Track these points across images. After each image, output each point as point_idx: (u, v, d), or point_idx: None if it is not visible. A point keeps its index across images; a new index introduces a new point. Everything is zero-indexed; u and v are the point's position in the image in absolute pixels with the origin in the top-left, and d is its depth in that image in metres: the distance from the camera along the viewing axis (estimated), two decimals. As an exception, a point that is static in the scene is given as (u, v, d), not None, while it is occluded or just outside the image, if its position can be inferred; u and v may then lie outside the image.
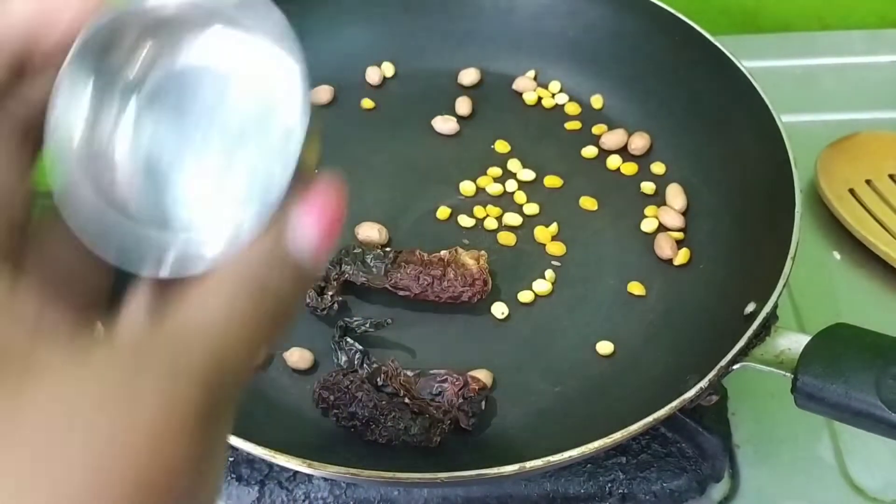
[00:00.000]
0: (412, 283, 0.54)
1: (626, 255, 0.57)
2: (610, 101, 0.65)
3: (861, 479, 0.53)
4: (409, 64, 0.67)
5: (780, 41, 0.79)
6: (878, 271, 0.62)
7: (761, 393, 0.55)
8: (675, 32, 0.62)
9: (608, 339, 0.53)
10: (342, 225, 0.25)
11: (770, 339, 0.46)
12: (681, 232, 0.58)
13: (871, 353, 0.43)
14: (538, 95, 0.66)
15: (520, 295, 0.55)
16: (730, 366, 0.45)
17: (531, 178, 0.61)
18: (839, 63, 0.77)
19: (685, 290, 0.55)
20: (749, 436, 0.54)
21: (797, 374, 0.44)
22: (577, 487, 0.51)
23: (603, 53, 0.65)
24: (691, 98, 0.61)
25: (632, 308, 0.55)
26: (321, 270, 0.53)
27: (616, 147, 0.62)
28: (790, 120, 0.56)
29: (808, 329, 0.50)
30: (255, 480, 0.52)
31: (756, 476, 0.53)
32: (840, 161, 0.66)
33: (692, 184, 0.60)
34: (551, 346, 0.53)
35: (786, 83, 0.75)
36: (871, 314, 0.59)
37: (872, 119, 0.72)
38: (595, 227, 0.59)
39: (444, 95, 0.66)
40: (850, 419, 0.43)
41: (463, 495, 0.51)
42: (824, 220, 0.65)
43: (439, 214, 0.60)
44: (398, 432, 0.48)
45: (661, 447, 0.52)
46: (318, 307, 0.53)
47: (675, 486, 0.51)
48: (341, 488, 0.51)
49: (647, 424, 0.44)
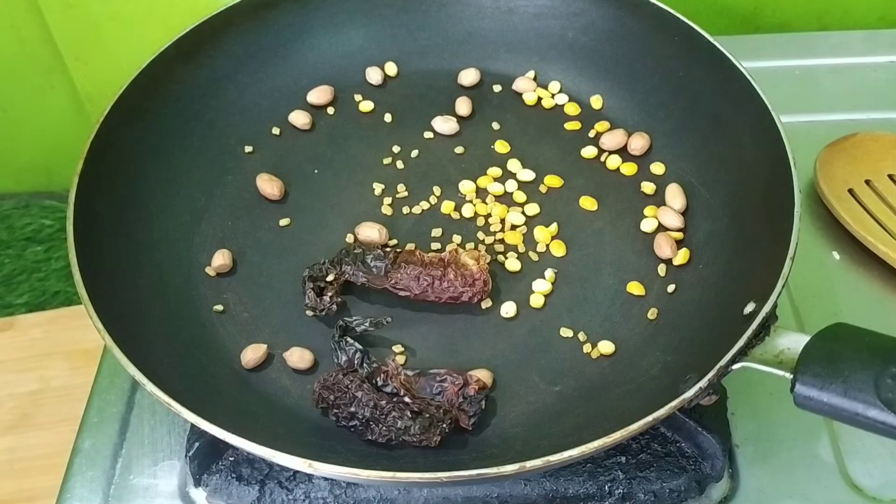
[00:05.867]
0: (412, 283, 0.54)
1: (626, 255, 0.57)
2: (610, 101, 0.65)
3: (860, 479, 0.53)
4: (409, 64, 0.67)
5: (779, 42, 0.80)
6: (877, 271, 0.62)
7: (761, 393, 0.56)
8: (675, 32, 0.62)
9: (608, 339, 0.53)
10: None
11: (769, 338, 0.46)
12: (680, 232, 0.58)
13: (870, 352, 0.43)
14: (538, 96, 0.66)
15: (520, 295, 0.56)
16: (729, 366, 0.45)
17: (531, 178, 0.61)
18: (838, 63, 0.77)
19: (685, 290, 0.55)
20: (749, 435, 0.54)
21: (796, 374, 0.44)
22: (577, 487, 0.51)
23: (603, 53, 0.65)
24: (691, 98, 0.61)
25: (632, 308, 0.55)
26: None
27: (616, 147, 0.63)
28: (789, 120, 0.56)
29: (808, 329, 0.50)
30: (255, 480, 0.52)
31: (756, 476, 0.53)
32: (839, 161, 0.66)
33: (692, 184, 0.60)
34: (551, 346, 0.53)
35: (785, 83, 0.75)
36: (871, 314, 0.59)
37: (871, 119, 0.72)
38: (595, 227, 0.59)
39: (444, 95, 0.66)
40: (849, 419, 0.43)
41: (463, 495, 0.51)
42: (823, 220, 0.65)
43: (440, 214, 0.60)
44: (398, 432, 0.48)
45: (660, 447, 0.52)
46: (317, 307, 0.54)
47: (675, 485, 0.51)
48: (341, 488, 0.51)
49: (646, 424, 0.44)
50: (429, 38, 0.67)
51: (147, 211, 0.57)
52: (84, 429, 0.56)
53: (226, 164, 0.62)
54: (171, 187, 0.59)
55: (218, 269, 0.57)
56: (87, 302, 0.48)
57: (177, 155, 0.60)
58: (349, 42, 0.67)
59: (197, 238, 0.58)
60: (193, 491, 0.53)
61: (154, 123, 0.59)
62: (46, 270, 1.01)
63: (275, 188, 0.60)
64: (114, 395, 0.57)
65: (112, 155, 0.56)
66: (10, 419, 0.81)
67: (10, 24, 0.88)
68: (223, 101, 0.63)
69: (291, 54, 0.66)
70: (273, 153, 0.63)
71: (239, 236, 0.59)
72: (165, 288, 0.55)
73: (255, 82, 0.64)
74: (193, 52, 0.62)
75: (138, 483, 0.53)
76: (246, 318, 0.55)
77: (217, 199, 0.60)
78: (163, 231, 0.57)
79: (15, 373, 0.84)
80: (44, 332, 0.87)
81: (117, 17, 0.85)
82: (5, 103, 0.96)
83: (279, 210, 0.60)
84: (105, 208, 0.55)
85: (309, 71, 0.66)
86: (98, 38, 0.87)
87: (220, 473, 0.52)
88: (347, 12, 0.67)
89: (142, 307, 0.52)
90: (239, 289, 0.56)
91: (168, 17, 0.84)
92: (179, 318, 0.54)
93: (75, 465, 0.54)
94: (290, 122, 0.64)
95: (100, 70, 0.91)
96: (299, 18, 0.66)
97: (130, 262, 0.54)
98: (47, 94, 0.94)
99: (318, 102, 0.66)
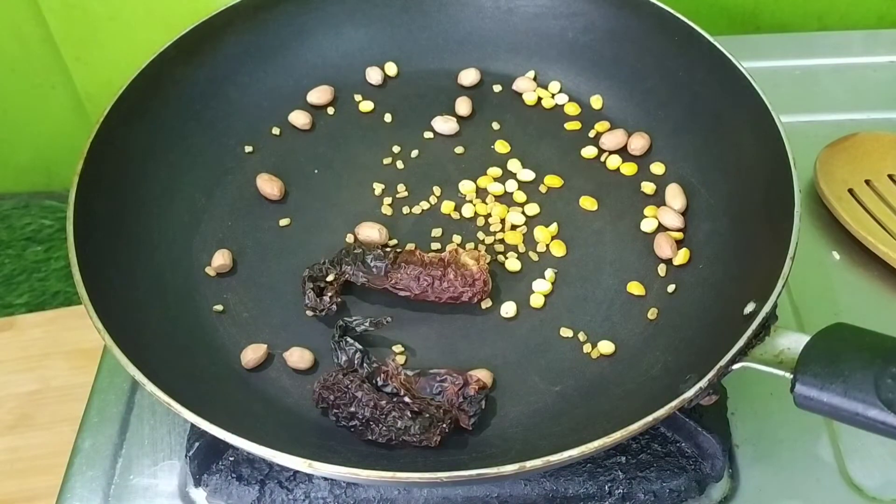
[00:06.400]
0: (412, 283, 0.54)
1: (626, 255, 0.57)
2: (609, 102, 0.65)
3: (860, 479, 0.53)
4: (409, 64, 0.67)
5: (779, 42, 0.80)
6: (877, 271, 0.62)
7: (761, 393, 0.56)
8: (675, 33, 0.62)
9: (608, 339, 0.53)
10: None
11: (769, 338, 0.46)
12: (680, 232, 0.58)
13: (870, 352, 0.43)
14: (538, 96, 0.66)
15: (520, 295, 0.56)
16: (729, 365, 0.45)
17: (531, 178, 0.61)
18: (838, 63, 0.77)
19: (684, 290, 0.55)
20: (749, 435, 0.54)
21: (796, 374, 0.44)
22: (577, 487, 0.51)
23: (603, 53, 0.65)
24: (691, 98, 0.61)
25: (632, 308, 0.55)
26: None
27: (616, 147, 0.62)
28: (789, 120, 0.56)
29: (808, 329, 0.50)
30: (255, 480, 0.52)
31: (756, 476, 0.53)
32: (839, 161, 0.66)
33: (692, 184, 0.60)
34: (551, 346, 0.53)
35: (785, 83, 0.75)
36: (871, 314, 0.59)
37: (871, 119, 0.72)
38: (595, 227, 0.59)
39: (444, 95, 0.66)
40: (849, 419, 0.43)
41: (463, 495, 0.51)
42: (823, 220, 0.65)
43: (439, 214, 0.60)
44: (398, 432, 0.48)
45: (660, 447, 0.52)
46: (317, 307, 0.54)
47: (675, 485, 0.51)
48: (341, 488, 0.51)
49: (646, 424, 0.44)
50: (429, 38, 0.67)
51: (147, 211, 0.57)
52: (84, 429, 0.56)
53: (226, 164, 0.62)
54: (171, 187, 0.59)
55: (218, 269, 0.57)
56: (87, 302, 0.48)
57: (177, 155, 0.60)
58: (349, 42, 0.67)
59: (197, 238, 0.58)
60: (193, 491, 0.53)
61: (154, 123, 0.59)
62: (46, 270, 1.02)
63: (275, 188, 0.60)
64: (114, 395, 0.57)
65: (112, 155, 0.56)
66: (10, 419, 0.81)
67: (10, 24, 0.88)
68: (223, 101, 0.63)
69: (291, 54, 0.66)
70: (273, 153, 0.63)
71: (239, 236, 0.59)
72: (165, 288, 0.55)
73: (255, 82, 0.64)
74: (193, 52, 0.62)
75: (138, 483, 0.53)
76: (246, 318, 0.55)
77: (217, 199, 0.60)
78: (163, 231, 0.57)
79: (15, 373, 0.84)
80: (44, 332, 0.87)
81: (117, 17, 0.85)
82: (5, 103, 0.96)
83: (279, 210, 0.60)
84: (105, 208, 0.54)
85: (309, 71, 0.66)
86: (98, 38, 0.87)
87: (220, 473, 0.52)
88: (347, 12, 0.67)
89: (142, 307, 0.52)
90: (239, 289, 0.56)
91: (168, 17, 0.84)
92: (179, 318, 0.54)
93: (75, 465, 0.54)
94: (290, 122, 0.64)
95: (100, 70, 0.91)
96: (299, 18, 0.66)
97: (130, 262, 0.54)
98: (47, 94, 0.94)
99: (318, 102, 0.66)
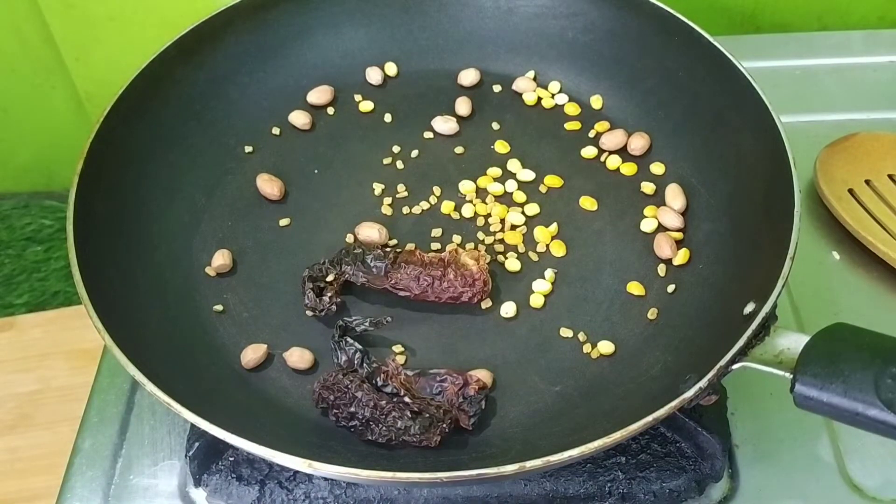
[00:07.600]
0: (412, 283, 0.54)
1: (626, 255, 0.57)
2: (609, 102, 0.65)
3: (860, 479, 0.53)
4: (409, 64, 0.67)
5: (779, 42, 0.80)
6: (877, 271, 0.62)
7: (761, 393, 0.56)
8: (675, 33, 0.62)
9: (608, 339, 0.53)
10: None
11: (769, 338, 0.46)
12: (680, 232, 0.58)
13: (869, 352, 0.43)
14: (538, 96, 0.66)
15: (520, 295, 0.56)
16: (729, 366, 0.45)
17: (531, 178, 0.61)
18: (838, 63, 0.77)
19: (684, 290, 0.55)
20: (748, 436, 0.54)
21: (796, 374, 0.44)
22: (577, 487, 0.51)
23: (603, 53, 0.65)
24: (691, 98, 0.61)
25: (632, 308, 0.55)
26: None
27: (616, 147, 0.62)
28: (789, 120, 0.56)
29: (808, 329, 0.50)
30: (255, 480, 0.52)
31: (755, 476, 0.53)
32: (839, 161, 0.66)
33: (691, 184, 0.60)
34: (551, 346, 0.53)
35: (785, 84, 0.75)
36: (870, 314, 0.59)
37: (871, 119, 0.72)
38: (595, 227, 0.59)
39: (444, 95, 0.66)
40: (848, 419, 0.43)
41: (463, 495, 0.51)
42: (823, 220, 0.65)
43: (439, 214, 0.60)
44: (398, 432, 0.48)
45: (660, 447, 0.52)
46: (317, 307, 0.54)
47: (675, 485, 0.51)
48: (341, 488, 0.51)
49: (646, 424, 0.44)
50: (429, 38, 0.67)
51: (147, 211, 0.57)
52: (84, 429, 0.56)
53: (226, 164, 0.62)
54: (171, 187, 0.59)
55: (218, 269, 0.57)
56: (87, 302, 0.48)
57: (177, 155, 0.60)
58: (349, 42, 0.67)
59: (197, 238, 0.58)
60: (193, 491, 0.53)
61: (154, 123, 0.59)
62: (46, 270, 1.02)
63: (275, 188, 0.60)
64: (114, 395, 0.57)
65: (112, 155, 0.56)
66: (10, 419, 0.81)
67: (10, 24, 0.88)
68: (223, 101, 0.63)
69: (291, 54, 0.66)
70: (273, 153, 0.63)
71: (239, 236, 0.59)
72: (165, 288, 0.55)
73: (255, 82, 0.64)
74: (193, 52, 0.62)
75: (138, 483, 0.53)
76: (246, 318, 0.55)
77: (217, 199, 0.60)
78: (163, 231, 0.57)
79: (15, 373, 0.84)
80: (44, 332, 0.87)
81: (117, 17, 0.85)
82: (5, 103, 0.96)
83: (279, 210, 0.60)
84: (105, 208, 0.54)
85: (309, 71, 0.66)
86: (98, 38, 0.87)
87: (220, 473, 0.52)
88: (347, 12, 0.67)
89: (142, 307, 0.52)
90: (239, 289, 0.56)
91: (168, 17, 0.84)
92: (179, 318, 0.54)
93: (75, 465, 0.54)
94: (290, 122, 0.64)
95: (100, 70, 0.91)
96: (299, 18, 0.66)
97: (130, 262, 0.54)
98: (47, 94, 0.94)
99: (318, 102, 0.66)
